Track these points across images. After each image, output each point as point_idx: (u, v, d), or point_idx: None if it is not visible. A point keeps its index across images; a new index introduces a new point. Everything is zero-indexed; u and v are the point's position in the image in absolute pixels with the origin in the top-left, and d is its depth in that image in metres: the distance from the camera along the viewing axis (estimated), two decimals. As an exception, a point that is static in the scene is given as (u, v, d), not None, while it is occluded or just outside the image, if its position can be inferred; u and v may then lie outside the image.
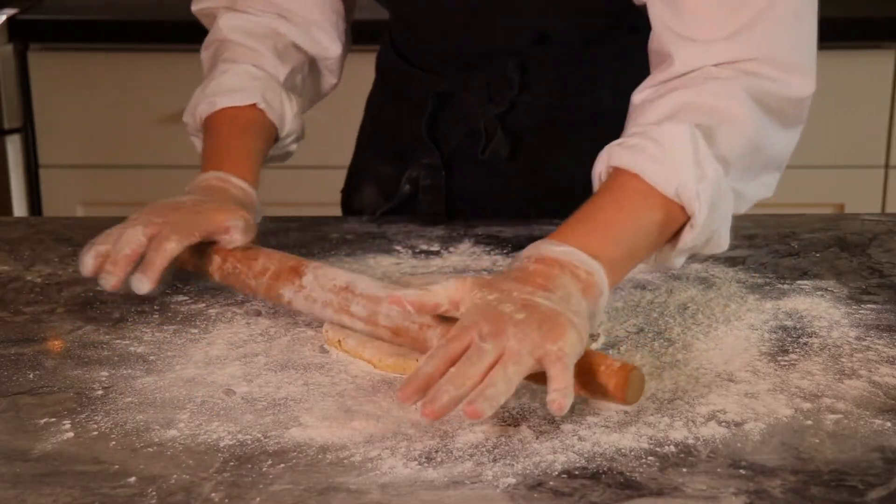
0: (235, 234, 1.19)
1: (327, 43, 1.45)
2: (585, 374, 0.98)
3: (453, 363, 0.95)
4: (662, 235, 1.12)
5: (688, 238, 1.12)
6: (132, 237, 1.16)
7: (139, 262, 1.15)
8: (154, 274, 1.14)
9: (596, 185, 1.15)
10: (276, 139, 1.38)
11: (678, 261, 1.15)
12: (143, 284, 1.14)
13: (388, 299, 1.05)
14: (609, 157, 1.13)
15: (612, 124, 1.22)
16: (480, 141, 1.44)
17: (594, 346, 1.10)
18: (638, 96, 1.20)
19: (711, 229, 1.13)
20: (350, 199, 1.61)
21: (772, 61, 1.16)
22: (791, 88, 1.17)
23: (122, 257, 1.15)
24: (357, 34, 1.52)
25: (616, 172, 1.12)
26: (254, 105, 1.34)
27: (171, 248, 1.15)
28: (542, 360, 0.95)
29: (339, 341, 1.10)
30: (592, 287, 1.03)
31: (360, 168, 1.61)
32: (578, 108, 1.44)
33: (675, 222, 1.11)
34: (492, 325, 0.97)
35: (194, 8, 1.48)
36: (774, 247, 1.37)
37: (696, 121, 1.12)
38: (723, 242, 1.16)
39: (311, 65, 1.46)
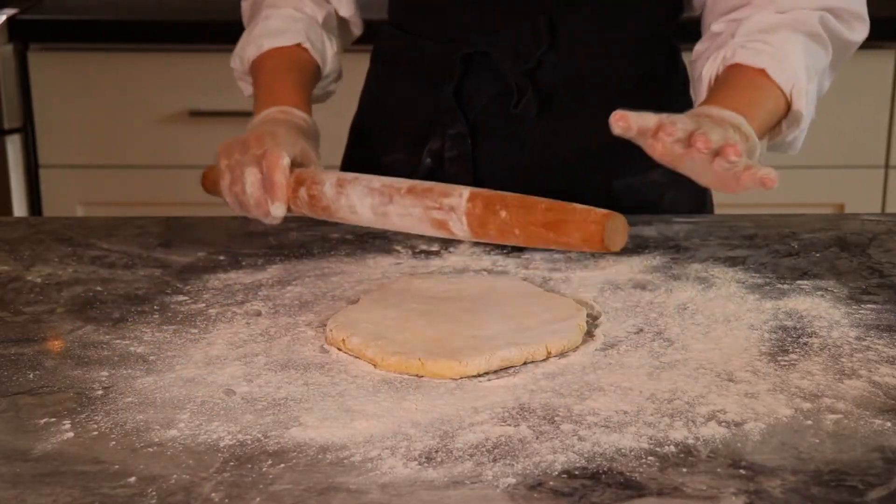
0: (313, 158, 1.27)
1: (342, 6, 1.54)
2: (562, 223, 1.07)
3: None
4: (775, 123, 1.31)
5: (789, 132, 1.32)
6: (251, 174, 1.24)
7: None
8: (283, 194, 1.22)
9: (706, 82, 1.34)
10: (319, 77, 1.48)
11: (763, 151, 1.31)
12: (280, 209, 1.24)
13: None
14: (731, 56, 1.31)
15: (632, 85, 1.41)
16: (510, 99, 1.45)
17: (594, 346, 1.11)
18: (719, 26, 1.38)
19: (802, 128, 1.33)
20: None
21: (844, 10, 1.38)
22: (854, 33, 1.39)
23: (266, 192, 1.23)
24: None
25: (738, 68, 1.30)
26: (298, 45, 1.45)
27: (285, 163, 1.23)
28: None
29: (343, 341, 1.10)
30: (748, 139, 1.20)
31: (359, 165, 1.61)
32: (602, 67, 1.45)
33: (781, 114, 1.31)
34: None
35: None
36: (774, 247, 1.37)
37: (799, 33, 1.32)
38: (800, 145, 1.36)
39: (337, 15, 1.55)
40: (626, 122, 1.13)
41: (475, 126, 1.48)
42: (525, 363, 1.07)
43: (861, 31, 1.40)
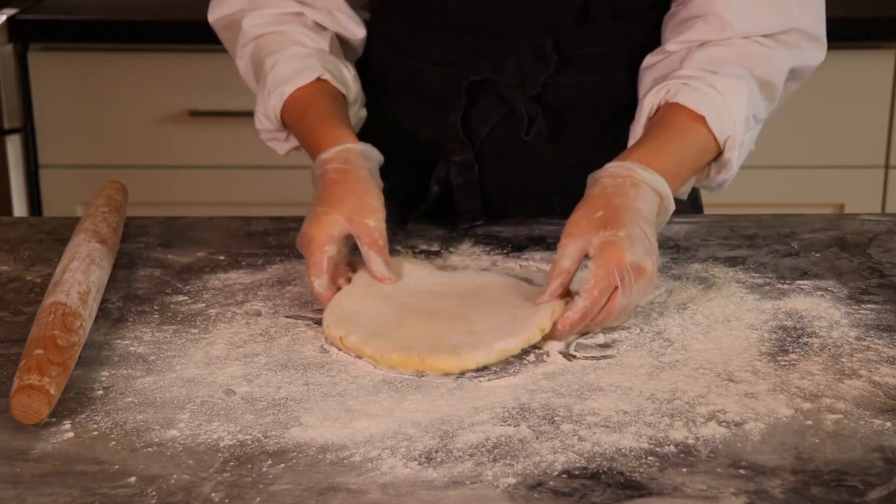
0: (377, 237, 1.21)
1: (350, 25, 1.47)
2: None
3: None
4: (701, 168, 1.33)
5: (717, 177, 1.33)
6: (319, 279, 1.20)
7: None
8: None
9: (647, 109, 1.33)
10: (347, 105, 1.41)
11: (689, 190, 1.37)
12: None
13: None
14: (675, 95, 1.31)
15: (634, 100, 1.39)
16: (516, 124, 1.43)
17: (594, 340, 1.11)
18: (673, 45, 1.37)
19: (732, 174, 1.33)
20: None
21: (801, 33, 1.35)
22: (812, 58, 1.37)
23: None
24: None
25: (678, 108, 1.30)
26: (318, 78, 1.37)
27: (319, 286, 1.19)
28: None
29: (341, 338, 1.10)
30: (662, 199, 1.22)
31: None
32: (604, 86, 1.45)
33: (710, 159, 1.32)
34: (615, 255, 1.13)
35: (212, 19, 1.47)
36: (774, 247, 1.37)
37: (749, 78, 1.32)
38: (727, 186, 1.36)
39: (338, 39, 1.47)
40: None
41: (481, 152, 1.45)
42: (523, 359, 1.07)
43: (818, 55, 1.38)
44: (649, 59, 1.40)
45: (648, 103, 1.33)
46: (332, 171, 1.25)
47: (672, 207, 1.23)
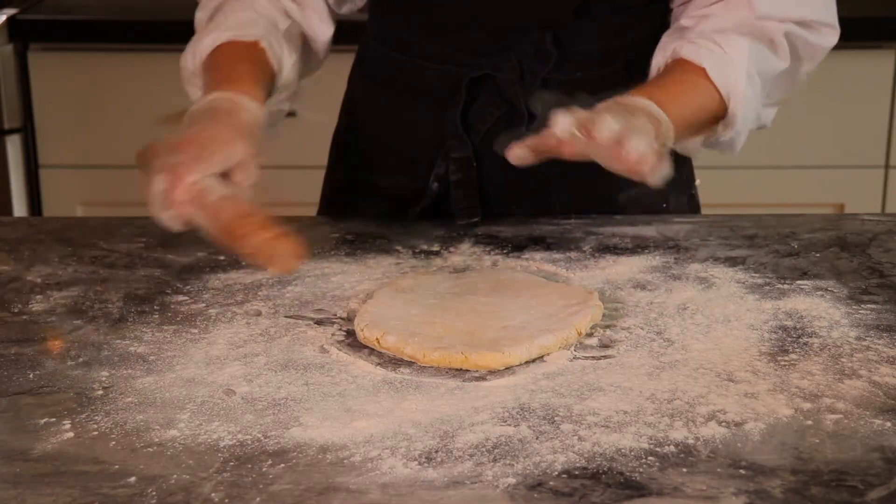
0: (249, 169, 1.17)
1: (317, 23, 1.46)
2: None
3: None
4: (707, 122, 1.35)
5: (722, 132, 1.36)
6: (158, 182, 1.13)
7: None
8: (181, 209, 1.12)
9: (653, 71, 1.37)
10: (272, 86, 1.37)
11: (699, 148, 1.40)
12: (174, 223, 1.14)
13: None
14: (679, 50, 1.35)
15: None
16: (515, 120, 1.42)
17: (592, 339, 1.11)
18: (688, 21, 1.39)
19: (737, 130, 1.36)
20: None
21: (817, 21, 1.39)
22: (823, 38, 1.39)
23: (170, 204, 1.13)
24: (350, 34, 1.52)
25: (682, 62, 1.34)
26: (256, 42, 1.35)
27: (195, 181, 1.13)
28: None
29: (378, 340, 1.10)
30: (660, 123, 1.22)
31: (349, 186, 1.59)
32: (603, 81, 1.45)
33: (717, 116, 1.34)
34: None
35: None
36: (774, 247, 1.37)
37: (752, 39, 1.35)
38: (739, 146, 1.40)
39: (303, 36, 1.46)
40: (518, 154, 1.16)
41: (480, 149, 1.45)
42: (530, 362, 1.07)
43: (830, 37, 1.40)
44: (663, 40, 1.42)
45: (655, 65, 1.38)
46: (226, 108, 1.23)
47: (671, 131, 1.24)
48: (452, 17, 1.44)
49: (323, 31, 1.47)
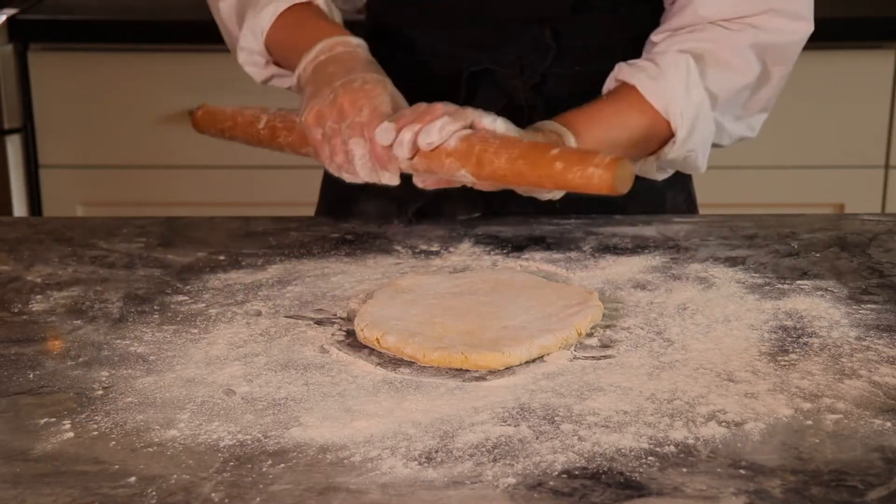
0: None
1: None
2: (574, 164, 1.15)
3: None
4: (647, 142, 1.34)
5: (668, 150, 1.34)
6: (358, 146, 1.24)
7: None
8: (395, 167, 1.24)
9: (604, 93, 1.38)
10: None
11: (660, 174, 1.39)
12: (393, 178, 1.26)
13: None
14: (617, 73, 1.35)
15: None
16: (516, 114, 1.42)
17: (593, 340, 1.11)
18: (656, 37, 1.40)
19: (688, 148, 1.34)
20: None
21: (780, 13, 1.36)
22: (796, 34, 1.37)
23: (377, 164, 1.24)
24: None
25: (620, 84, 1.35)
26: (311, 2, 1.38)
27: (390, 133, 1.22)
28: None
29: (378, 340, 1.10)
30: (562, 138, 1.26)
31: (351, 185, 1.58)
32: (602, 76, 1.45)
33: (660, 135, 1.34)
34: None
35: None
36: (774, 247, 1.37)
37: (695, 56, 1.34)
38: (700, 164, 1.38)
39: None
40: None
41: None
42: (530, 362, 1.07)
43: (801, 31, 1.38)
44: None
45: (605, 89, 1.39)
46: (343, 53, 1.30)
47: None
48: (452, 12, 1.44)
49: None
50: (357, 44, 1.33)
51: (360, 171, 1.24)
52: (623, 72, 1.35)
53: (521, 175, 1.19)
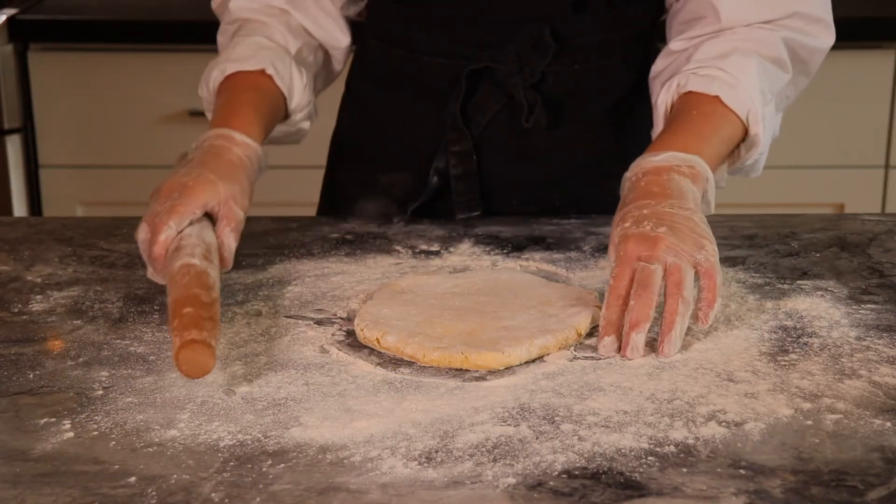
0: (230, 212, 1.20)
1: (335, 32, 1.49)
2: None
3: (627, 298, 1.09)
4: (732, 149, 1.32)
5: (749, 155, 1.33)
6: (142, 231, 1.18)
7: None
8: (158, 265, 1.16)
9: (662, 109, 1.34)
10: (286, 113, 1.41)
11: (725, 177, 1.33)
12: (157, 278, 1.17)
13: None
14: (686, 84, 1.32)
15: (629, 89, 1.42)
16: (515, 113, 1.44)
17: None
18: (678, 44, 1.38)
19: (761, 150, 1.33)
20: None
21: (804, 17, 1.36)
22: (819, 40, 1.38)
23: (150, 259, 1.17)
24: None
25: (692, 96, 1.31)
26: (262, 70, 1.37)
27: (169, 235, 1.16)
28: (697, 268, 1.11)
29: (378, 340, 1.10)
30: (698, 175, 1.21)
31: (348, 186, 1.59)
32: (600, 75, 1.46)
33: (739, 140, 1.32)
34: (645, 247, 1.11)
35: (214, 5, 1.50)
36: (774, 247, 1.37)
37: (755, 55, 1.33)
38: (761, 166, 1.37)
39: (321, 49, 1.49)
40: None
41: (480, 142, 1.46)
42: (529, 362, 1.07)
43: (825, 38, 1.38)
44: (656, 66, 1.41)
45: (662, 102, 1.34)
46: (217, 146, 1.25)
47: (711, 182, 1.23)
48: (452, 11, 1.45)
49: (340, 39, 1.50)
50: (240, 140, 1.27)
51: (142, 251, 1.19)
52: (695, 83, 1.31)
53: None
